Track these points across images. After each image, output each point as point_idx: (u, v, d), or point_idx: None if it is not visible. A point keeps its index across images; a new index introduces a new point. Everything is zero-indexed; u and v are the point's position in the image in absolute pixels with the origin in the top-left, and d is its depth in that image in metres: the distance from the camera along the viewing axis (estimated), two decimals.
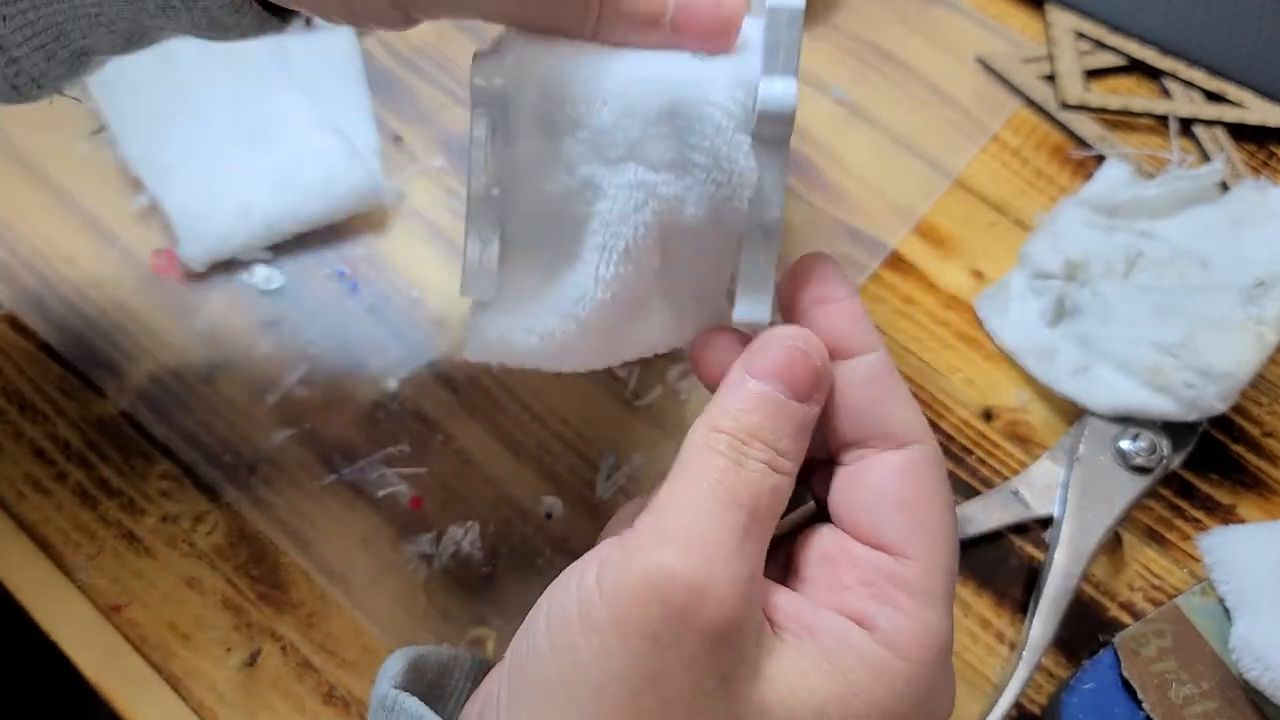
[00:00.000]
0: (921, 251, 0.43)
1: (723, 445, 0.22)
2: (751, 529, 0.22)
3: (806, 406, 0.23)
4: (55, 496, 0.37)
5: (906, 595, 0.22)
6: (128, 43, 0.26)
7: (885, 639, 0.22)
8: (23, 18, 0.24)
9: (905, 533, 0.23)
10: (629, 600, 0.21)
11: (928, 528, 0.23)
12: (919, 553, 0.22)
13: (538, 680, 0.22)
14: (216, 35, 0.26)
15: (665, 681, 0.20)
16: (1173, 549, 0.38)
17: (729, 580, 0.21)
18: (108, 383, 0.39)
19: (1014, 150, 0.46)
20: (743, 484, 0.22)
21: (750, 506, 0.22)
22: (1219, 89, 0.46)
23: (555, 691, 0.21)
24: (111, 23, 0.25)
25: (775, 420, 0.23)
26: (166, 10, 0.25)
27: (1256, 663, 0.32)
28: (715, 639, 0.20)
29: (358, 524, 0.37)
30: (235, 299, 0.41)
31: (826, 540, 0.24)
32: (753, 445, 0.22)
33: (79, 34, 0.25)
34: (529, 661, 0.22)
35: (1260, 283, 0.38)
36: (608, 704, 0.20)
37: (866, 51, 0.48)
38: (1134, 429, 0.38)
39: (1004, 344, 0.41)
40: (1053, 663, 0.36)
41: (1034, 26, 0.49)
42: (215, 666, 0.35)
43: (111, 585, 0.36)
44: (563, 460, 0.38)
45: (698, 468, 0.22)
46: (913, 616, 0.22)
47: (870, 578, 0.23)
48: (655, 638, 0.20)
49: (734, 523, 0.21)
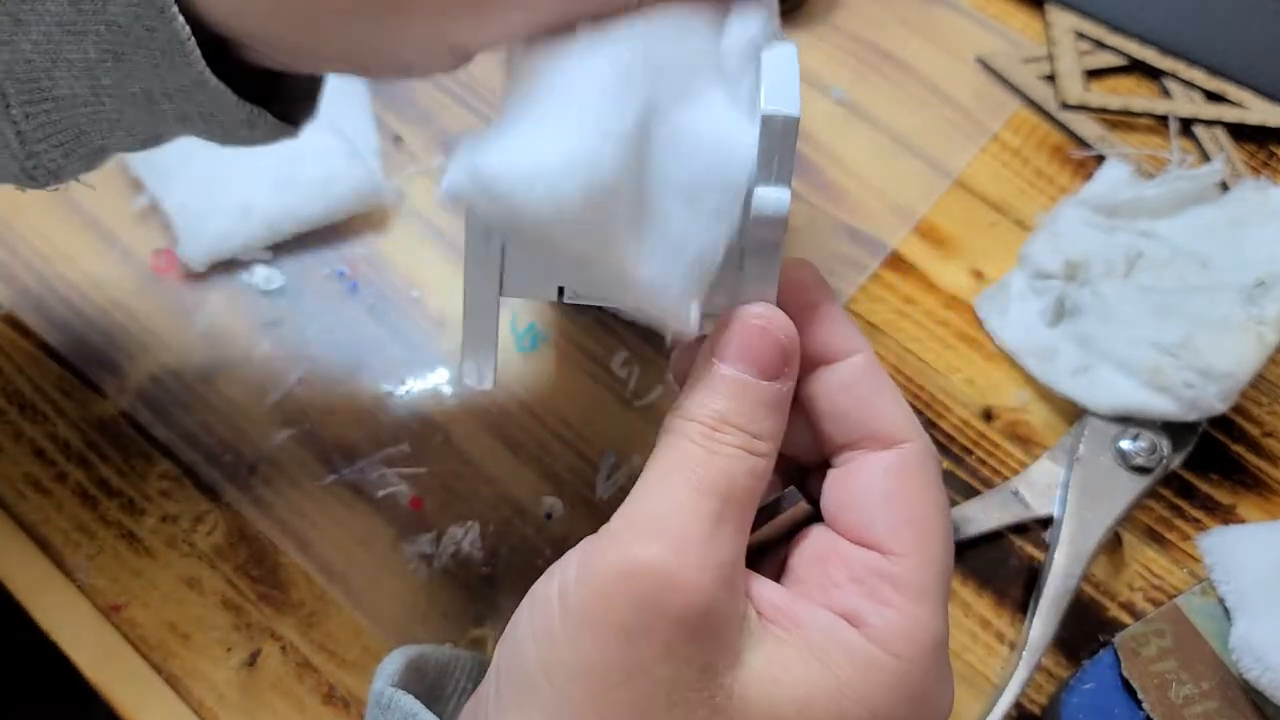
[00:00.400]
0: (921, 251, 0.43)
1: (694, 432, 0.22)
2: (726, 515, 0.21)
3: (777, 384, 0.23)
4: (55, 496, 0.37)
5: (896, 591, 0.22)
6: (144, 143, 0.27)
7: (875, 635, 0.22)
8: (45, 117, 0.24)
9: (894, 529, 0.23)
10: (599, 591, 0.21)
11: (917, 524, 0.23)
12: (909, 549, 0.22)
13: (520, 672, 0.22)
14: (232, 143, 0.27)
15: (643, 674, 0.20)
16: (1173, 549, 0.38)
17: (698, 567, 0.20)
18: (107, 383, 0.39)
19: (1014, 150, 0.46)
20: (715, 470, 0.22)
21: (724, 492, 0.22)
22: (1219, 89, 0.46)
23: (537, 683, 0.21)
24: (132, 128, 0.26)
25: (745, 402, 0.22)
26: (184, 121, 0.25)
27: (1256, 663, 0.32)
28: (688, 628, 0.20)
29: (358, 524, 0.37)
30: (235, 299, 0.41)
31: (818, 540, 0.24)
32: (724, 430, 0.22)
33: (99, 135, 0.26)
34: (513, 654, 0.22)
35: (1260, 283, 0.38)
36: (585, 695, 0.20)
37: (866, 51, 0.48)
38: (1134, 429, 0.38)
39: (1004, 344, 0.41)
40: (1053, 663, 0.36)
41: (1034, 26, 0.49)
42: (215, 666, 0.35)
43: (111, 585, 0.36)
44: (563, 460, 0.38)
45: (669, 457, 0.22)
46: (903, 612, 0.22)
47: (860, 575, 0.22)
48: (626, 628, 0.20)
49: (706, 509, 0.21)
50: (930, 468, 0.24)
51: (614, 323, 0.41)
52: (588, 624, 0.21)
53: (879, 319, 0.42)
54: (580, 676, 0.20)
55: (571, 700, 0.20)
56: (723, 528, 0.21)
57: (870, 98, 0.46)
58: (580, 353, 0.40)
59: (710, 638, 0.21)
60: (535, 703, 0.21)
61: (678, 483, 0.22)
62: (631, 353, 0.40)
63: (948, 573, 0.23)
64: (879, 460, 0.23)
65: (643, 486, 0.22)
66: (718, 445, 0.22)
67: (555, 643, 0.21)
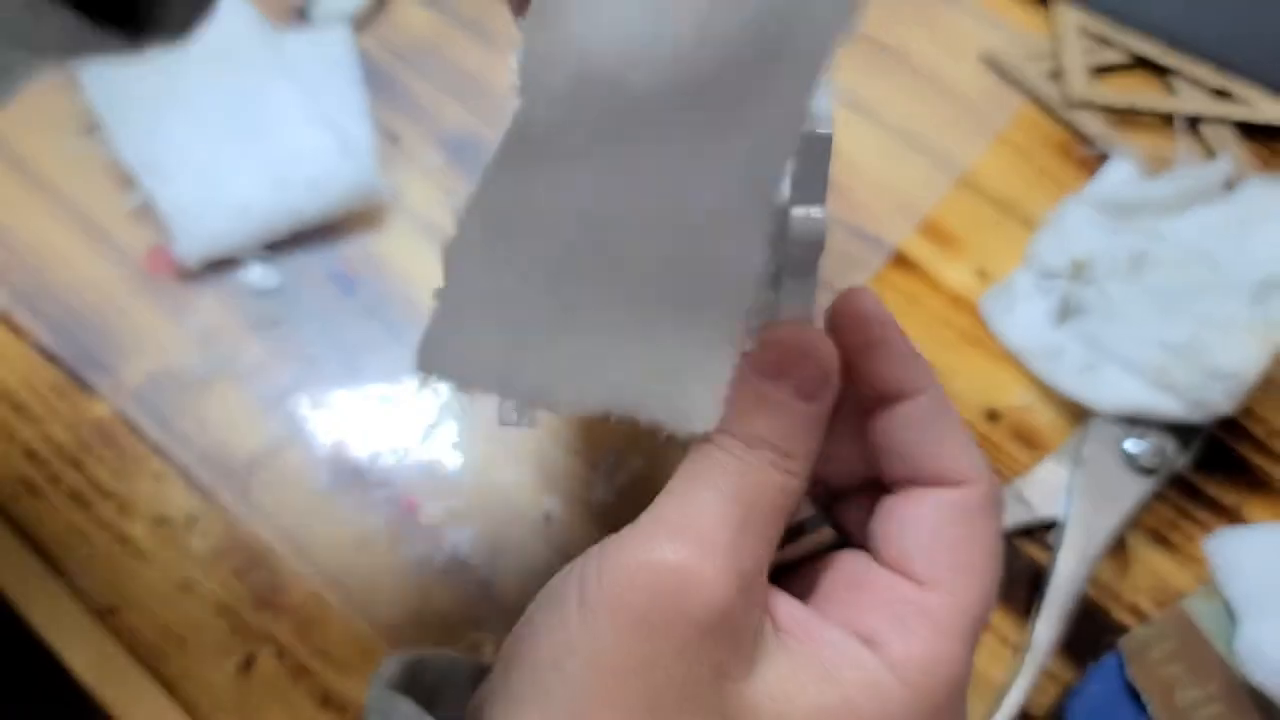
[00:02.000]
0: (926, 250, 0.43)
1: (728, 445, 0.22)
2: (751, 525, 0.22)
3: (814, 405, 0.23)
4: (49, 498, 0.37)
5: (921, 622, 0.22)
6: None
7: (889, 659, 0.21)
8: None
9: (935, 566, 0.22)
10: (621, 584, 0.21)
11: (962, 566, 0.22)
12: (945, 587, 0.22)
13: (530, 664, 0.22)
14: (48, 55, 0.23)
15: (657, 667, 0.20)
16: (1178, 551, 0.37)
17: (719, 568, 0.21)
18: (101, 383, 0.39)
19: (1019, 148, 0.45)
20: (745, 481, 0.22)
21: (751, 504, 0.22)
22: (1226, 86, 0.46)
23: (547, 674, 0.21)
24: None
25: (780, 421, 0.23)
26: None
27: (1263, 666, 0.32)
28: (706, 627, 0.20)
29: (354, 527, 0.37)
30: (230, 298, 0.41)
31: (853, 564, 0.24)
32: (758, 446, 0.22)
33: None
34: (523, 646, 0.22)
35: (1268, 282, 0.38)
36: (597, 684, 0.20)
37: (872, 49, 0.48)
38: (1140, 430, 0.38)
39: (1009, 344, 0.41)
40: (1058, 666, 0.35)
41: (1040, 23, 0.48)
42: (210, 671, 0.35)
43: (105, 588, 0.36)
44: (561, 463, 0.38)
45: (700, 465, 0.23)
46: (925, 643, 0.21)
47: (888, 600, 0.22)
48: (646, 621, 0.20)
49: (731, 516, 0.21)
50: (988, 513, 0.23)
51: None
52: (605, 612, 0.21)
53: None
54: (593, 665, 0.20)
55: (583, 690, 0.20)
56: (747, 537, 0.21)
57: (875, 95, 0.46)
58: None
59: (725, 642, 0.21)
60: (544, 694, 0.21)
61: (706, 490, 0.22)
62: None
63: (981, 619, 0.22)
64: (936, 496, 0.23)
65: (671, 491, 0.22)
66: (751, 459, 0.22)
67: (570, 632, 0.21)
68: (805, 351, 0.23)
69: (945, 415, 0.24)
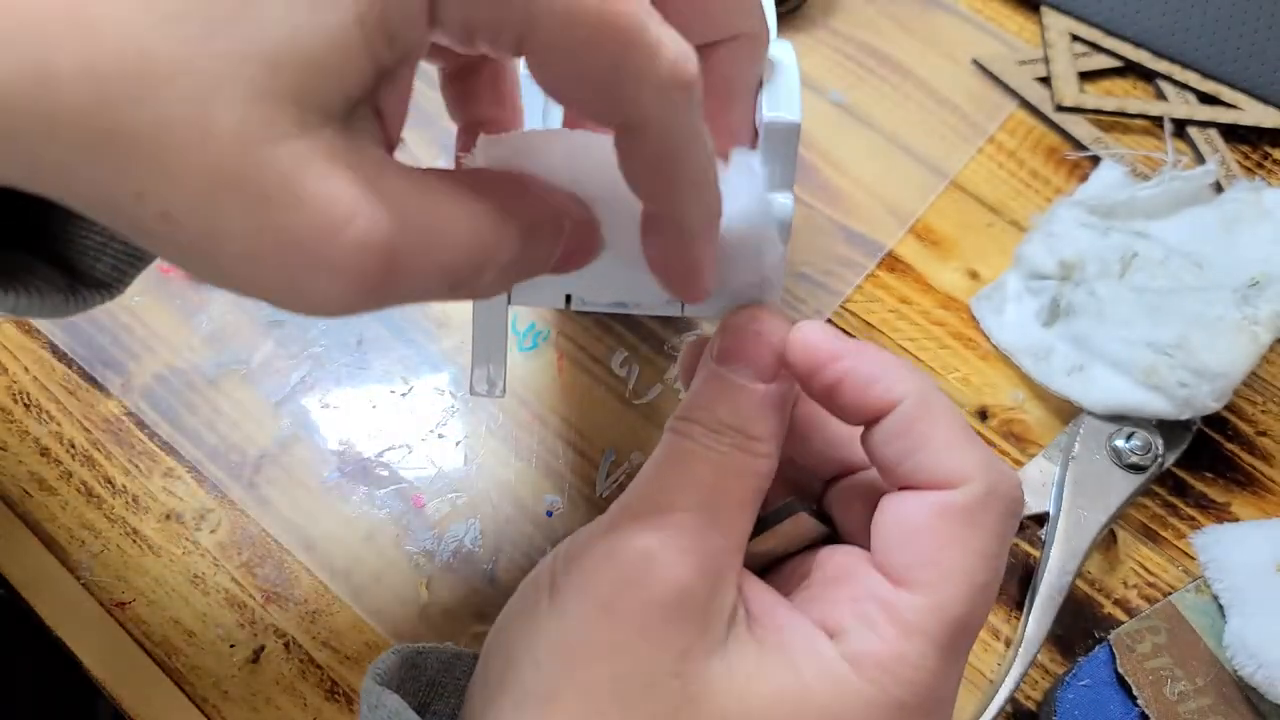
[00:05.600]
0: (918, 252, 0.43)
1: (693, 432, 0.23)
2: (716, 508, 0.22)
3: (774, 387, 0.23)
4: (60, 495, 0.38)
5: (889, 621, 0.21)
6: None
7: (849, 653, 0.21)
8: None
9: (912, 564, 0.21)
10: (586, 570, 0.21)
11: (942, 566, 0.21)
12: (922, 588, 0.21)
13: (505, 654, 0.22)
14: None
15: (623, 651, 0.20)
16: (1167, 546, 0.38)
17: (680, 550, 0.21)
18: (112, 382, 0.40)
19: (1010, 152, 0.46)
20: (710, 466, 0.22)
21: (716, 487, 0.22)
22: (1213, 91, 0.47)
23: (520, 662, 0.21)
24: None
25: (741, 404, 0.23)
26: None
27: (1250, 659, 0.33)
28: (669, 609, 0.20)
29: (360, 522, 0.37)
30: (239, 298, 0.41)
31: (843, 559, 0.24)
32: (723, 431, 0.22)
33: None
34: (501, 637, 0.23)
35: (1254, 282, 0.38)
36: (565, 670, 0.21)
37: (863, 55, 0.48)
38: (1128, 428, 0.38)
39: (1000, 344, 0.41)
40: (1048, 659, 0.36)
41: (1029, 29, 0.49)
42: (219, 663, 0.35)
43: (116, 582, 0.36)
44: (563, 458, 0.39)
45: (667, 453, 0.23)
46: (886, 641, 0.21)
47: (859, 595, 0.22)
48: (610, 606, 0.21)
49: (695, 501, 0.22)
50: (981, 514, 0.21)
51: (614, 323, 0.41)
52: (573, 599, 0.21)
53: (875, 319, 0.42)
54: (561, 650, 0.21)
55: (552, 676, 0.21)
56: (712, 520, 0.22)
57: (867, 100, 0.47)
58: (580, 352, 0.41)
59: (691, 624, 0.21)
60: (518, 681, 0.21)
61: (671, 476, 0.22)
62: (631, 352, 0.41)
63: (963, 622, 0.21)
64: (922, 497, 0.22)
65: (638, 480, 0.23)
66: (715, 443, 0.22)
67: (539, 620, 0.21)
68: (760, 334, 0.23)
69: (927, 419, 0.22)
